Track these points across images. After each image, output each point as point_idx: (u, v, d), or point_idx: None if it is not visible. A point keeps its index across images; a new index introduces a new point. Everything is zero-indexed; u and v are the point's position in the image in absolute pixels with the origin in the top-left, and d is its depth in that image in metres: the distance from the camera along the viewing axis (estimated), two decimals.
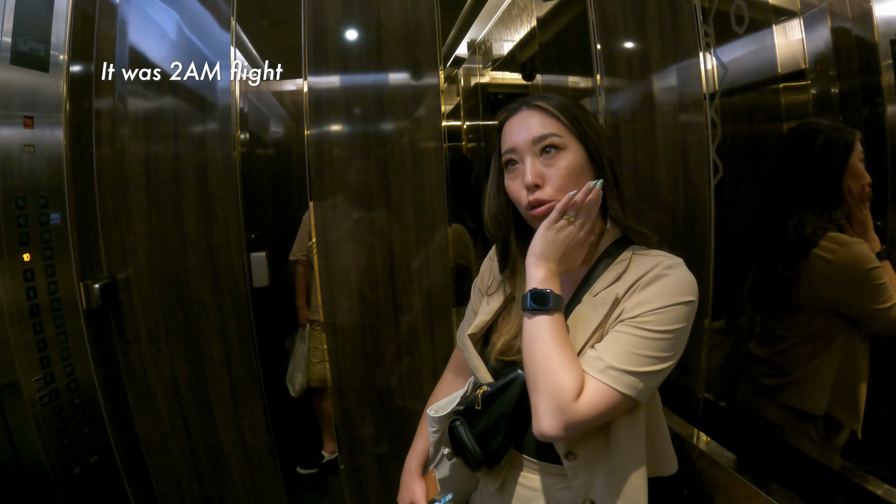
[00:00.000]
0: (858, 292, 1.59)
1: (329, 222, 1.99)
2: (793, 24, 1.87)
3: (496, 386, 1.16)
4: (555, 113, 1.14)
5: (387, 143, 1.99)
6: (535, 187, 1.12)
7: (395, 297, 2.04)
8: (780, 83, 1.93)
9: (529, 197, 1.13)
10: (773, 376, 1.80)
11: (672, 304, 1.05)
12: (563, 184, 1.12)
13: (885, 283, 1.51)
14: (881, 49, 1.47)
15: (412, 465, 1.43)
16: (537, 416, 1.02)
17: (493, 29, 4.08)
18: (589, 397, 1.01)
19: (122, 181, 1.97)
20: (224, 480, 2.15)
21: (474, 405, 1.17)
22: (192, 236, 1.99)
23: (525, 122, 1.16)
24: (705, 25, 1.82)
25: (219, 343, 2.04)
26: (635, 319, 1.05)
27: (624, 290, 1.09)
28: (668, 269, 1.08)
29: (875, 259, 1.53)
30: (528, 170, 1.12)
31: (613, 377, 1.02)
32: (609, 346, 1.05)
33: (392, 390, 2.08)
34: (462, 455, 1.19)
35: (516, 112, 1.19)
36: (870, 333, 1.62)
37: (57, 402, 1.79)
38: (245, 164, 3.55)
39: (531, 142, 1.13)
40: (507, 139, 1.18)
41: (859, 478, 1.39)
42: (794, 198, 1.72)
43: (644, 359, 1.03)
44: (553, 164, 1.12)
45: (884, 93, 1.47)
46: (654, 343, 1.04)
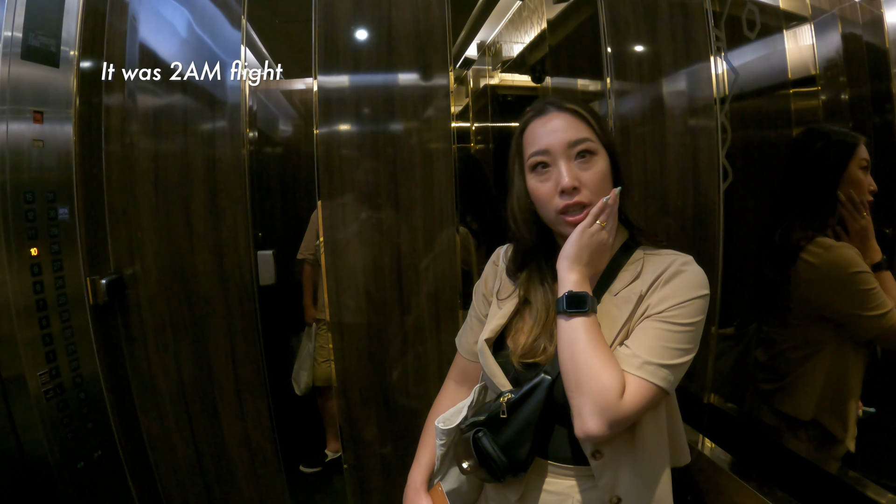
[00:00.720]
0: (842, 296, 1.59)
1: (337, 221, 1.99)
2: (803, 29, 1.87)
3: (521, 391, 1.15)
4: (587, 118, 1.15)
5: (396, 143, 1.99)
6: (573, 190, 1.12)
7: (402, 298, 2.03)
8: (790, 89, 1.93)
9: (567, 200, 1.12)
10: (770, 381, 1.81)
11: (693, 298, 1.08)
12: (598, 188, 1.13)
13: (875, 290, 1.51)
14: (892, 55, 1.47)
15: (417, 480, 1.38)
16: (581, 416, 1.02)
17: (504, 31, 4.07)
18: (632, 394, 1.03)
19: (130, 177, 1.97)
20: (227, 478, 2.15)
21: (498, 414, 1.16)
22: (200, 233, 1.99)
23: (556, 124, 1.15)
24: (716, 30, 1.82)
25: (224, 341, 2.04)
26: (662, 314, 1.08)
27: (646, 287, 1.12)
28: (684, 266, 1.11)
29: (862, 264, 1.53)
30: (564, 172, 1.12)
31: (651, 372, 1.04)
32: (641, 341, 1.07)
33: (397, 390, 2.08)
34: (487, 466, 1.17)
35: (543, 114, 1.18)
36: (864, 344, 1.62)
37: (62, 397, 1.79)
38: (253, 162, 3.55)
39: (566, 145, 1.13)
40: (538, 140, 1.16)
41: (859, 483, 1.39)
42: (787, 202, 1.72)
43: (674, 351, 1.06)
44: (588, 168, 1.13)
45: (894, 100, 1.46)
46: (681, 335, 1.07)
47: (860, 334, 1.60)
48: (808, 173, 1.65)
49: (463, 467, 1.20)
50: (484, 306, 1.39)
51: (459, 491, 1.34)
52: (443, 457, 1.32)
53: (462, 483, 1.33)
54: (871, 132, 1.59)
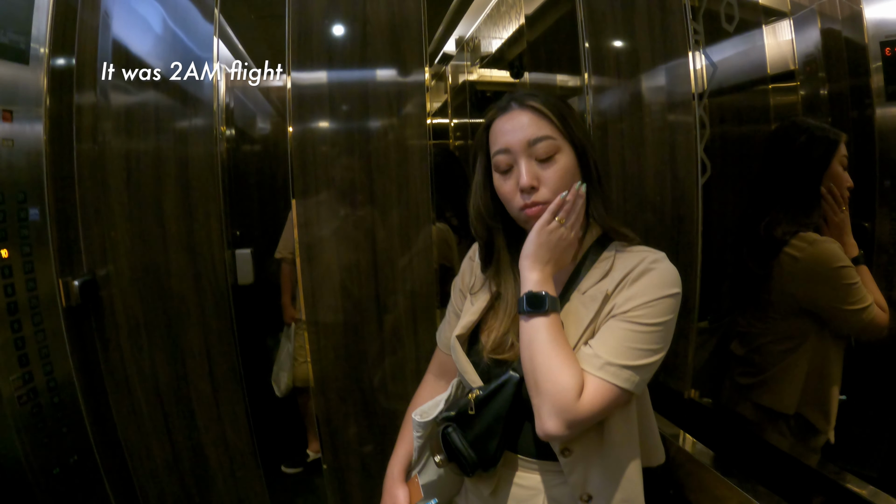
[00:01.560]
0: (825, 290, 1.61)
1: (312, 219, 1.97)
2: (782, 24, 1.87)
3: (488, 389, 1.15)
4: (547, 114, 1.13)
5: (371, 140, 1.97)
6: (531, 189, 1.11)
7: (379, 296, 2.02)
8: (770, 84, 1.93)
9: (525, 199, 1.12)
10: (748, 375, 1.82)
11: (661, 297, 1.07)
12: (558, 185, 1.11)
13: (856, 284, 1.53)
14: (871, 51, 1.47)
15: (395, 470, 1.40)
16: (540, 417, 1.03)
17: (482, 26, 4.06)
18: (590, 395, 1.02)
19: (102, 177, 1.94)
20: (206, 480, 2.13)
21: (467, 410, 1.16)
22: (174, 233, 1.97)
23: (517, 121, 1.14)
24: (695, 23, 1.81)
25: (200, 341, 2.01)
26: (627, 314, 1.06)
27: (613, 285, 1.10)
28: (653, 264, 1.10)
29: (845, 258, 1.55)
30: (523, 172, 1.11)
31: (612, 373, 1.03)
32: (604, 341, 1.06)
33: (375, 389, 2.06)
34: (456, 461, 1.18)
35: (506, 111, 1.17)
36: (843, 335, 1.64)
37: (35, 402, 1.76)
38: (231, 160, 3.53)
39: (526, 143, 1.12)
40: (499, 139, 1.15)
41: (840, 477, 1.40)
42: (770, 196, 1.72)
43: (639, 352, 1.05)
44: (548, 166, 1.12)
45: (873, 95, 1.47)
46: (647, 336, 1.05)
47: (842, 328, 1.61)
48: (791, 167, 1.66)
49: (436, 461, 1.21)
50: (461, 302, 1.39)
51: (438, 483, 1.34)
52: (420, 449, 1.33)
53: (440, 475, 1.33)
54: (850, 127, 1.60)
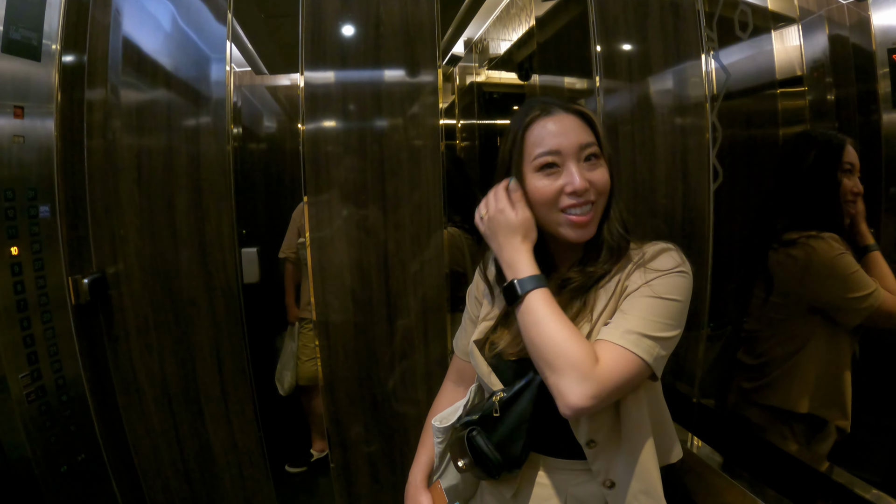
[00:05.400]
0: (828, 284, 1.62)
1: (322, 219, 1.97)
2: (791, 30, 1.87)
3: (512, 390, 1.15)
4: (594, 122, 1.16)
5: (382, 140, 1.97)
6: (584, 192, 1.11)
7: (389, 298, 2.02)
8: (778, 88, 1.93)
9: (576, 200, 1.12)
10: (754, 379, 1.82)
11: (675, 270, 1.09)
12: (604, 189, 1.14)
13: (857, 272, 1.54)
14: (878, 58, 1.47)
15: (417, 477, 1.40)
16: (561, 393, 1.00)
17: (491, 28, 4.06)
18: (612, 362, 1.01)
19: (113, 174, 1.94)
20: (213, 479, 2.13)
21: (491, 412, 1.16)
22: (184, 231, 1.96)
23: (566, 125, 1.14)
24: (708, 30, 1.82)
25: (209, 340, 2.01)
26: (643, 288, 1.08)
27: (625, 274, 1.13)
28: (664, 249, 1.14)
29: (840, 248, 1.56)
30: (576, 174, 1.11)
31: (632, 341, 1.03)
32: (623, 314, 1.07)
33: (384, 390, 2.06)
34: (482, 464, 1.17)
35: (550, 113, 1.16)
36: (850, 328, 1.64)
37: (44, 400, 1.76)
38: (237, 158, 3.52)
39: (578, 147, 1.12)
40: (546, 140, 1.14)
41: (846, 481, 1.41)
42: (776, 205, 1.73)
43: (658, 323, 1.05)
44: (594, 169, 1.13)
45: (879, 101, 1.47)
46: (665, 307, 1.06)
47: (851, 319, 1.61)
48: (798, 181, 1.67)
49: (459, 465, 1.20)
50: (476, 309, 1.39)
51: (457, 487, 1.35)
52: (441, 455, 1.33)
53: (459, 480, 1.34)
54: (857, 133, 1.60)
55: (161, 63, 1.95)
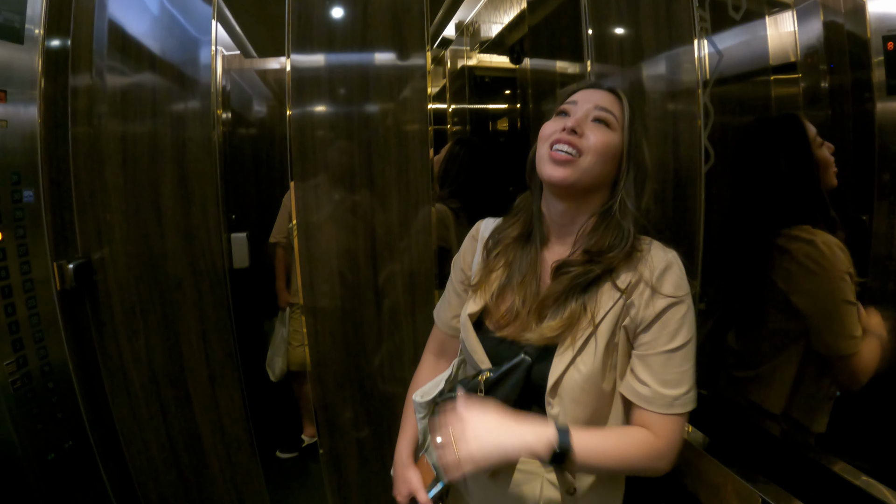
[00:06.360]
0: (817, 292, 1.58)
1: (310, 203, 1.96)
2: (785, 15, 1.86)
3: (499, 371, 1.15)
4: (623, 101, 1.21)
5: (371, 124, 1.96)
6: (573, 132, 1.13)
7: (377, 281, 2.01)
8: (771, 75, 1.92)
9: (565, 136, 1.14)
10: (742, 368, 1.81)
11: (683, 299, 1.11)
12: (596, 148, 1.14)
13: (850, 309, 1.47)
14: (873, 45, 1.46)
15: (403, 455, 1.39)
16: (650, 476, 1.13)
17: (482, 10, 4.02)
18: (671, 432, 1.10)
19: (98, 159, 1.92)
20: (201, 465, 2.13)
21: (476, 392, 1.16)
22: (170, 216, 1.95)
23: (598, 93, 1.21)
24: (701, 10, 1.80)
25: (196, 326, 2.00)
26: (663, 350, 1.10)
27: (632, 285, 1.13)
28: (669, 265, 1.12)
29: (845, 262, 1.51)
30: (574, 117, 1.16)
31: (681, 404, 1.10)
32: (658, 377, 1.10)
33: (373, 374, 2.06)
34: None
35: (591, 87, 1.24)
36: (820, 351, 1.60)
37: (30, 387, 1.74)
38: (227, 143, 3.50)
39: (594, 106, 1.17)
40: (573, 96, 1.23)
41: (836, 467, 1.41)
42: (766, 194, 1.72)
43: (687, 372, 1.11)
44: (598, 131, 1.15)
45: (874, 89, 1.46)
46: (687, 352, 1.11)
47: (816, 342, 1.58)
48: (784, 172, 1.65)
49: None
50: (461, 278, 1.38)
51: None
52: (424, 430, 1.34)
53: None
54: (851, 120, 1.59)
55: (147, 46, 1.92)
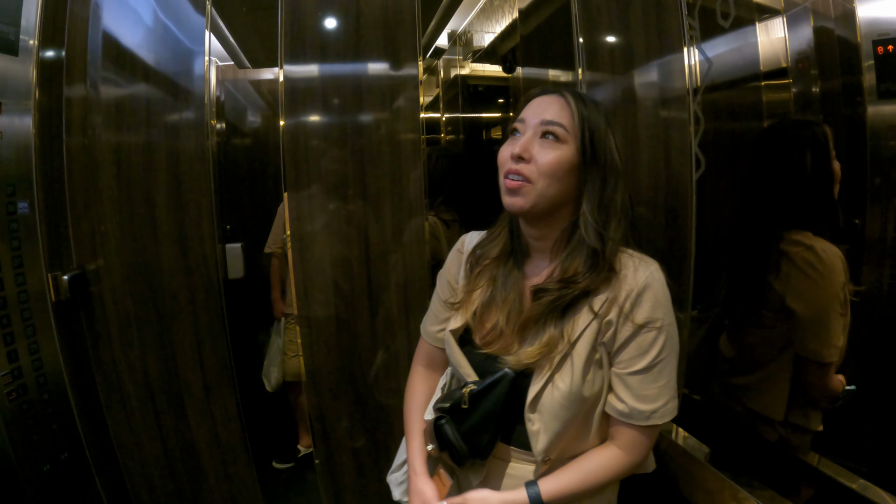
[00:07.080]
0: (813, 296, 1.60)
1: (304, 213, 1.96)
2: (775, 22, 1.87)
3: (483, 384, 1.16)
4: (571, 107, 1.15)
5: (364, 133, 1.96)
6: (519, 159, 1.13)
7: (371, 290, 2.01)
8: (762, 81, 1.93)
9: (512, 166, 1.14)
10: (737, 375, 1.82)
11: (663, 325, 1.13)
12: (546, 171, 1.12)
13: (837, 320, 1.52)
14: (863, 49, 1.47)
15: (417, 467, 1.34)
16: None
17: (475, 20, 4.05)
18: (644, 445, 1.18)
19: (92, 170, 1.92)
20: (197, 476, 2.12)
21: (460, 404, 1.17)
22: (164, 227, 1.95)
23: (546, 103, 1.17)
24: (690, 19, 1.81)
25: (191, 337, 2.00)
26: (643, 368, 1.13)
27: (608, 303, 1.14)
28: (646, 286, 1.13)
29: (841, 270, 1.54)
30: (519, 142, 1.14)
31: (660, 416, 1.14)
32: (636, 393, 1.14)
33: (368, 384, 2.06)
34: (449, 451, 1.20)
35: (538, 96, 1.21)
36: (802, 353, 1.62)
37: (25, 398, 1.74)
38: (221, 153, 3.51)
39: (539, 122, 1.15)
40: (522, 112, 1.20)
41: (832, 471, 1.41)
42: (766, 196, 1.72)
43: (669, 384, 1.15)
44: (546, 150, 1.13)
45: (864, 93, 1.47)
46: (666, 365, 1.14)
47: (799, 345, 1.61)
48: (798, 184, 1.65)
49: (428, 450, 1.24)
50: (448, 292, 1.38)
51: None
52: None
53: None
54: (842, 125, 1.60)
55: (141, 57, 1.93)
